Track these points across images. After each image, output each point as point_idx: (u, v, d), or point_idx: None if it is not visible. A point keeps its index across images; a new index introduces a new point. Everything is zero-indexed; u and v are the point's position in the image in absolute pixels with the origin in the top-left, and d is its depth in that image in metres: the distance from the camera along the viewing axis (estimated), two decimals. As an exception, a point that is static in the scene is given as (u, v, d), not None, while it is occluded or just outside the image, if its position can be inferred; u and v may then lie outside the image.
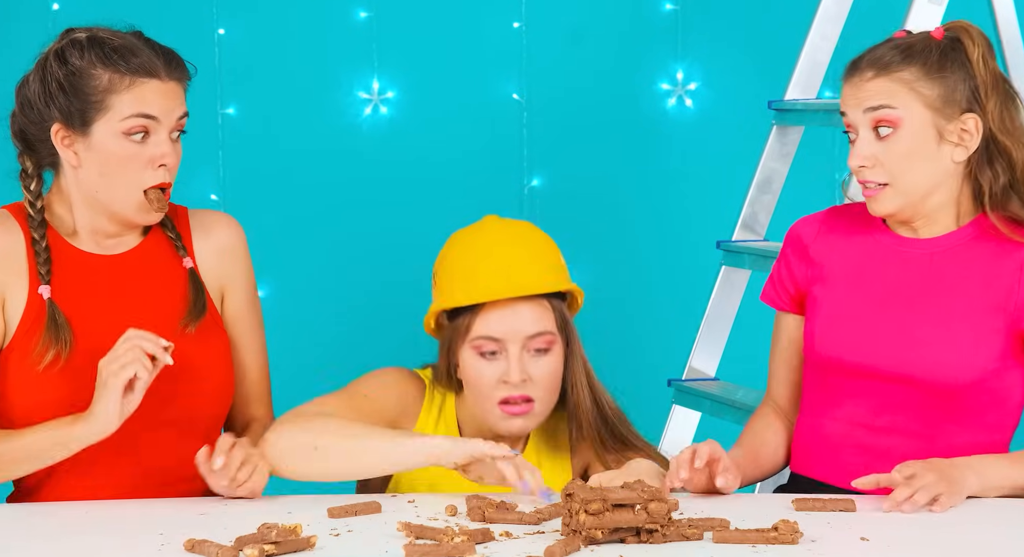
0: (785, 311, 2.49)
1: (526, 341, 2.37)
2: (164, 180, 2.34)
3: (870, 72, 2.32)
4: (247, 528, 2.06)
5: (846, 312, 2.39)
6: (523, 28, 4.05)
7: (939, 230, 2.38)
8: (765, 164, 3.41)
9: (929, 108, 2.31)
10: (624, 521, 2.00)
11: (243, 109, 4.02)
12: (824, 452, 2.41)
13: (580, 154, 4.07)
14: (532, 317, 2.37)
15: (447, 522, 2.14)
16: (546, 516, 2.14)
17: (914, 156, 2.31)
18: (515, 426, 2.38)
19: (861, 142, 2.33)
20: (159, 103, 2.32)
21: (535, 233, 2.45)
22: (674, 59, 4.09)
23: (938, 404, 2.34)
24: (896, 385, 2.35)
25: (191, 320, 2.39)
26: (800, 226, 2.49)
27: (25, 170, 2.39)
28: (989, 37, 2.33)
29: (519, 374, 2.36)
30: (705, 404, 3.35)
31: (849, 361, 2.37)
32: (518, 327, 2.36)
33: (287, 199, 4.01)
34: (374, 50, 4.03)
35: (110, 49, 2.32)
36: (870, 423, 2.37)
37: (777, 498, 2.32)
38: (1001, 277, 2.34)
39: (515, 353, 2.36)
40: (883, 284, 2.39)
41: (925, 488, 2.16)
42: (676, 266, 4.07)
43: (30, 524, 2.20)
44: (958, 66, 2.33)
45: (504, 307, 2.36)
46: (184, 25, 3.92)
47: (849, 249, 2.43)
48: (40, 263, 2.35)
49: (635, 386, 3.74)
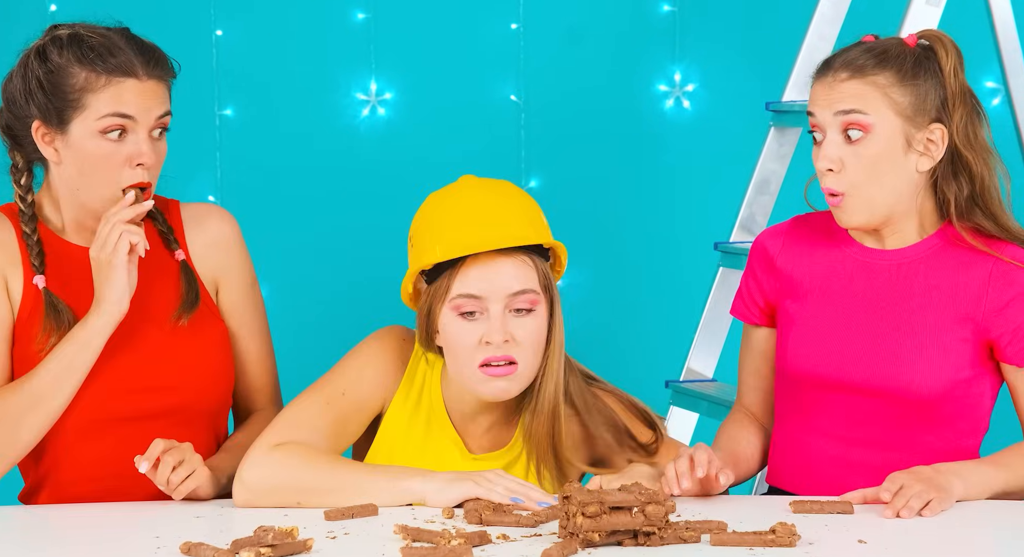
0: (755, 324, 2.48)
1: (508, 300, 2.26)
2: (141, 179, 2.33)
3: (844, 73, 2.30)
4: (243, 531, 2.05)
5: (817, 327, 2.38)
6: (521, 29, 4.05)
7: (905, 240, 2.37)
8: (763, 165, 3.41)
9: (900, 115, 2.29)
10: (621, 524, 2.00)
11: (241, 110, 4.02)
12: (800, 465, 2.41)
13: (578, 155, 4.07)
14: (515, 274, 2.26)
15: (444, 525, 2.13)
16: (543, 519, 2.13)
17: (880, 162, 2.29)
18: (497, 389, 2.28)
19: (829, 144, 2.30)
20: (136, 102, 2.32)
21: (514, 189, 2.37)
22: (672, 60, 4.08)
23: (911, 414, 2.34)
24: (869, 398, 2.35)
25: (184, 312, 2.39)
26: (765, 238, 2.47)
27: (15, 165, 2.41)
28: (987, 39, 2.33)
29: (501, 334, 2.25)
30: (703, 405, 3.35)
31: (822, 375, 2.36)
32: (499, 284, 2.26)
33: (285, 200, 4.01)
34: (372, 51, 4.03)
35: (88, 47, 2.32)
36: (845, 435, 2.37)
37: (775, 500, 2.31)
38: (969, 287, 2.33)
39: (497, 312, 2.26)
40: (851, 297, 2.38)
41: (916, 496, 2.17)
42: (674, 267, 4.07)
43: (25, 528, 2.20)
44: (930, 75, 2.31)
45: (485, 263, 2.26)
46: (182, 26, 3.92)
47: (815, 261, 2.42)
48: (33, 255, 2.37)
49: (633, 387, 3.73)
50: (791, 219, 2.49)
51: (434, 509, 2.21)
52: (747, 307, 2.48)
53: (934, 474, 2.21)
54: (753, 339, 2.50)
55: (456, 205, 2.32)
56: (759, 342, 2.49)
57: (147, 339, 2.37)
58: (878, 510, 2.19)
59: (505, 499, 2.17)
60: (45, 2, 3.91)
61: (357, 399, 2.35)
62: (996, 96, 3.99)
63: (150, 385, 2.36)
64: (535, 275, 2.29)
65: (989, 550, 2.07)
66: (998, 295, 2.32)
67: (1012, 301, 2.32)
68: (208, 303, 2.44)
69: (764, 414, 2.51)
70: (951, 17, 3.15)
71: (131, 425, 2.35)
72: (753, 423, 2.50)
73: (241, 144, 4.00)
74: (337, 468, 2.25)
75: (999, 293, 2.32)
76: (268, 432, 2.30)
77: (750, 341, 2.50)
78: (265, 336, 2.52)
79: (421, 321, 2.34)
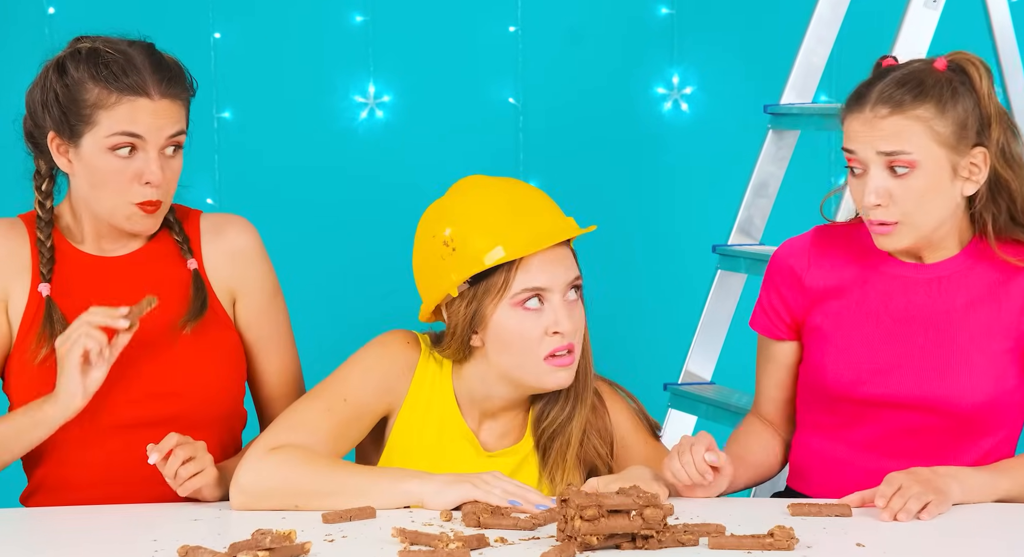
0: (780, 339, 2.47)
1: (565, 288, 2.31)
2: (149, 197, 2.33)
3: (884, 109, 2.26)
4: (241, 534, 2.05)
5: (856, 343, 2.36)
6: (519, 32, 4.05)
7: (942, 255, 2.36)
8: (761, 168, 3.40)
9: (943, 146, 2.26)
10: (620, 527, 2.00)
11: (239, 113, 4.01)
12: (832, 476, 2.39)
13: (576, 158, 4.06)
14: (569, 262, 2.32)
15: (442, 528, 2.13)
16: (541, 522, 2.13)
17: (929, 193, 2.27)
18: (562, 379, 2.31)
19: (874, 179, 2.26)
20: (146, 122, 2.32)
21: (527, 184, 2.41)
22: (670, 63, 4.08)
23: (954, 428, 2.34)
24: (913, 412, 2.33)
25: (188, 320, 2.39)
26: (789, 255, 2.44)
27: (38, 170, 2.42)
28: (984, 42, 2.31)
29: (570, 321, 2.29)
30: (701, 408, 3.35)
31: (864, 392, 2.35)
32: (561, 274, 2.30)
33: (283, 203, 4.00)
34: (370, 54, 4.03)
35: (103, 64, 2.32)
36: (886, 448, 2.36)
37: (772, 503, 2.31)
38: (1010, 298, 2.33)
39: (559, 302, 2.29)
40: (890, 312, 2.36)
41: (915, 497, 2.16)
42: (672, 270, 4.07)
43: (23, 530, 2.20)
44: (968, 100, 2.28)
45: (544, 255, 2.29)
46: (180, 29, 3.91)
47: (847, 276, 2.40)
48: (43, 262, 2.37)
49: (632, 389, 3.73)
50: (811, 232, 2.45)
51: (432, 512, 2.21)
52: (772, 323, 2.45)
53: (932, 476, 2.21)
54: (777, 353, 2.47)
55: (501, 203, 2.32)
56: (784, 356, 2.46)
57: (153, 346, 2.37)
58: (877, 512, 2.18)
59: (503, 501, 2.17)
60: (43, 5, 3.90)
61: (359, 405, 2.34)
62: (994, 99, 3.99)
63: (154, 391, 2.36)
64: (576, 262, 2.34)
65: (989, 554, 2.06)
66: None
67: None
68: (218, 312, 2.44)
69: (783, 423, 2.49)
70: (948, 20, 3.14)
71: (134, 432, 2.34)
72: (768, 430, 2.49)
73: (239, 147, 4.00)
74: (335, 470, 2.25)
75: None
76: (265, 435, 2.29)
77: (773, 355, 2.47)
78: (288, 346, 2.52)
79: (457, 327, 2.32)
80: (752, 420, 2.51)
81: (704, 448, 2.26)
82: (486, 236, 2.28)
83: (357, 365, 2.37)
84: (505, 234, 2.28)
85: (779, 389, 2.48)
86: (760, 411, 2.51)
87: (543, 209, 2.32)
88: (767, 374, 2.49)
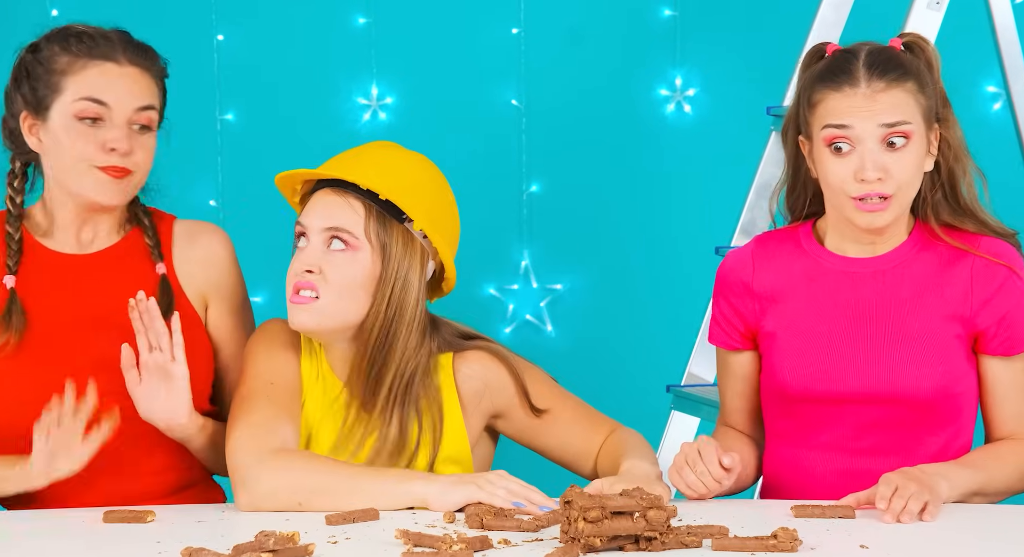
0: (737, 350, 2.48)
1: (323, 233, 2.39)
2: (114, 163, 2.34)
3: (881, 83, 2.30)
4: (244, 536, 2.05)
5: (810, 343, 2.38)
6: (522, 34, 4.05)
7: (891, 244, 2.38)
8: (764, 169, 3.40)
9: (925, 120, 2.33)
10: (623, 529, 2.00)
11: (242, 115, 4.01)
12: (804, 481, 2.40)
13: (579, 160, 4.06)
14: (334, 210, 2.40)
15: (445, 529, 2.13)
16: (544, 523, 2.13)
17: (918, 166, 2.32)
18: (296, 319, 2.36)
19: (872, 152, 2.29)
20: (111, 87, 2.33)
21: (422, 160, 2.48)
22: (673, 65, 4.08)
23: (913, 418, 2.36)
24: (874, 406, 2.35)
25: None
26: (733, 264, 2.46)
27: (12, 169, 2.44)
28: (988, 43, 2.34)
29: (309, 265, 2.37)
30: (704, 409, 3.35)
31: (823, 390, 2.36)
32: (318, 216, 2.40)
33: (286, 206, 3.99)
34: (373, 56, 4.03)
35: (73, 35, 2.36)
36: (851, 446, 2.37)
37: (776, 505, 2.31)
38: (954, 284, 2.36)
39: (316, 241, 2.38)
40: (839, 308, 2.38)
41: (914, 497, 2.16)
42: (675, 272, 4.06)
43: (24, 532, 2.19)
44: (931, 78, 2.35)
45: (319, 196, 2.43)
46: (183, 31, 3.91)
47: (794, 276, 2.42)
48: (10, 255, 2.39)
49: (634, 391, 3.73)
50: (752, 241, 2.49)
51: (435, 513, 2.21)
52: (727, 334, 2.47)
53: (921, 474, 2.22)
54: (734, 364, 2.49)
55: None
56: (741, 366, 2.48)
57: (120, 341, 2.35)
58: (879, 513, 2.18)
59: (507, 503, 2.17)
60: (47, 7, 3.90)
61: (284, 380, 2.39)
62: (997, 100, 3.99)
63: (120, 389, 2.33)
64: (363, 222, 2.38)
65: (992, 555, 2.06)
66: (982, 289, 2.35)
67: (996, 293, 2.35)
68: (190, 313, 2.45)
69: (751, 432, 2.51)
70: (952, 21, 3.15)
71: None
72: (741, 436, 2.50)
73: (242, 149, 4.00)
74: (339, 471, 2.26)
75: (983, 287, 2.35)
76: (247, 442, 2.29)
77: (730, 366, 2.49)
78: None
79: None
80: (725, 429, 2.52)
81: (715, 454, 2.26)
82: None
83: (257, 354, 2.42)
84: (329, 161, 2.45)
85: (743, 399, 2.50)
86: (727, 422, 2.53)
87: (363, 155, 2.43)
88: (728, 387, 2.51)
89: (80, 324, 2.39)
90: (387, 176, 2.39)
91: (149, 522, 2.20)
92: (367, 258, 2.37)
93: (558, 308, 4.04)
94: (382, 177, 2.38)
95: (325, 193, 2.40)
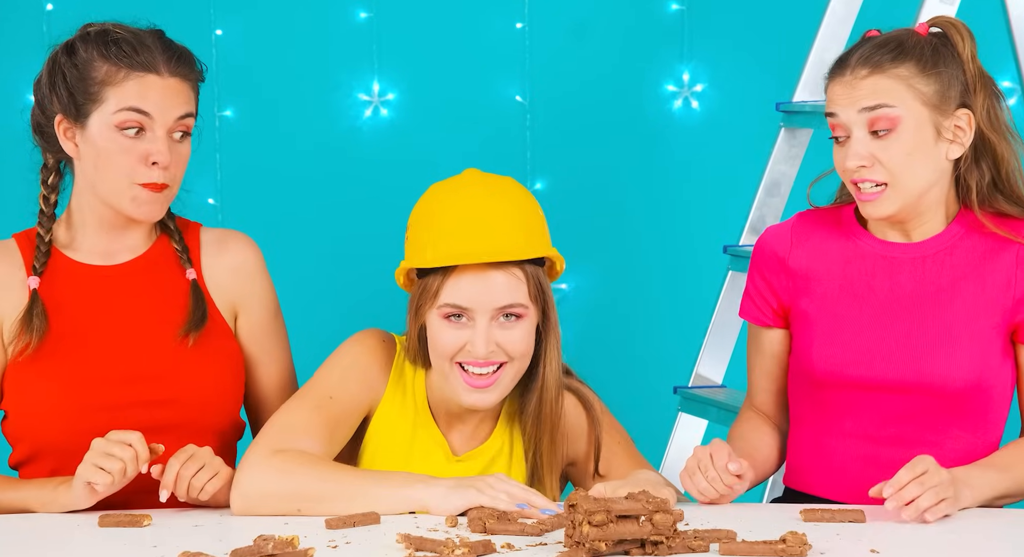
0: (768, 327, 2.48)
1: (495, 312, 2.30)
2: (155, 180, 2.34)
3: (863, 70, 2.30)
4: (243, 540, 2.05)
5: (842, 326, 2.38)
6: (526, 29, 4.05)
7: (929, 231, 2.38)
8: (773, 167, 3.40)
9: (926, 105, 2.31)
10: (628, 533, 2.00)
11: (241, 111, 4.01)
12: (826, 468, 2.40)
13: (584, 157, 4.06)
14: (505, 287, 2.29)
15: (447, 534, 2.13)
16: (549, 528, 2.13)
17: (914, 154, 2.31)
18: (476, 400, 2.32)
19: (856, 142, 2.30)
20: (154, 99, 2.33)
21: (517, 192, 2.36)
22: (680, 60, 4.08)
23: (943, 409, 2.35)
24: (902, 395, 2.34)
25: (191, 330, 2.40)
26: (771, 239, 2.47)
27: (45, 163, 2.43)
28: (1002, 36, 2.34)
29: (485, 346, 2.28)
30: (712, 412, 3.34)
31: (852, 375, 2.36)
32: (488, 298, 2.28)
33: (286, 203, 4.00)
34: (374, 51, 4.03)
35: (112, 42, 2.35)
36: (875, 435, 2.37)
37: (785, 509, 2.31)
38: (996, 274, 2.35)
39: (483, 324, 2.29)
40: (876, 293, 2.38)
41: (935, 489, 2.15)
42: (682, 271, 4.06)
43: (22, 536, 2.20)
44: (950, 61, 2.33)
45: (476, 274, 2.28)
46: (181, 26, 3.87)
47: (831, 257, 2.41)
48: (37, 256, 2.38)
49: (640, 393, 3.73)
50: (794, 217, 2.48)
51: (437, 517, 2.21)
52: (759, 309, 2.47)
53: (949, 477, 2.21)
54: (765, 341, 2.49)
55: (453, 208, 2.32)
56: (772, 344, 2.48)
57: (152, 354, 2.38)
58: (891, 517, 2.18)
59: (510, 506, 2.17)
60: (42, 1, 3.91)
61: (344, 402, 2.36)
62: (1012, 96, 3.98)
63: (153, 399, 2.36)
64: (525, 288, 2.31)
65: (1005, 560, 2.07)
66: None
67: None
68: (219, 321, 2.45)
69: (777, 414, 2.51)
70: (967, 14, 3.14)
71: None
72: (767, 423, 2.50)
73: (241, 146, 4.00)
74: (338, 475, 2.25)
75: None
76: (262, 439, 2.30)
77: (761, 343, 2.49)
78: (285, 358, 2.54)
79: (411, 314, 2.36)
80: (750, 415, 2.52)
81: (726, 459, 2.26)
82: (425, 237, 2.31)
83: (337, 364, 2.39)
84: (439, 243, 2.29)
85: (770, 379, 2.49)
86: (754, 402, 2.53)
87: (490, 226, 2.30)
88: (757, 364, 2.50)
89: (109, 336, 2.38)
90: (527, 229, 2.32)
91: (146, 526, 2.20)
92: (534, 318, 2.34)
93: (563, 308, 4.02)
94: (527, 235, 2.31)
95: (484, 271, 2.29)
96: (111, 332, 2.39)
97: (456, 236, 2.29)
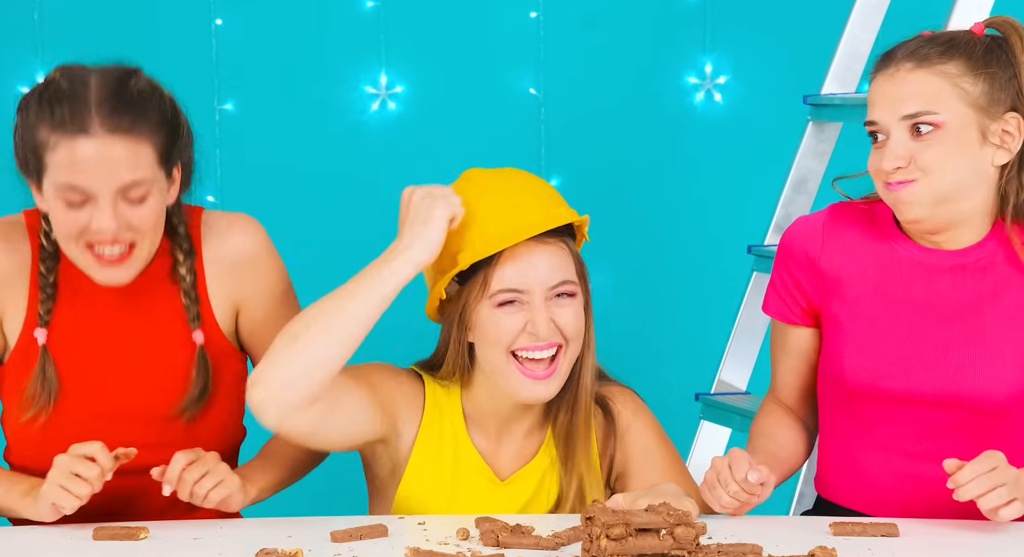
0: (795, 324, 2.46)
1: (548, 292, 2.32)
2: (105, 253, 2.23)
3: (909, 64, 2.28)
4: (244, 553, 2.05)
5: (876, 335, 2.36)
6: (540, 18, 4.05)
7: (964, 242, 2.35)
8: (800, 162, 3.40)
9: (972, 106, 2.27)
10: (648, 547, 1.99)
11: (242, 105, 4.02)
12: (858, 481, 2.39)
13: (601, 152, 4.06)
14: (552, 263, 2.32)
15: (458, 547, 2.12)
16: (564, 540, 2.12)
17: (953, 157, 2.27)
18: (539, 392, 2.33)
19: (895, 142, 2.27)
20: (86, 169, 2.17)
21: (525, 172, 2.41)
22: (702, 51, 4.08)
23: (981, 424, 2.33)
24: (939, 409, 2.33)
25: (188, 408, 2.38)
26: (802, 235, 2.44)
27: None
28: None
29: (545, 324, 2.30)
30: (735, 420, 3.34)
31: (886, 388, 2.34)
32: (539, 275, 2.31)
33: (289, 200, 4.01)
34: (381, 42, 4.03)
35: (50, 98, 2.21)
36: (910, 449, 2.35)
37: (813, 522, 2.30)
38: None
39: (539, 303, 2.31)
40: (912, 302, 2.36)
41: (1007, 487, 2.13)
42: (704, 272, 4.06)
43: (12, 546, 2.19)
44: (1004, 63, 2.30)
45: (522, 254, 2.31)
46: (179, 16, 3.92)
47: (864, 260, 2.39)
48: (42, 300, 2.33)
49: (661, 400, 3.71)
50: (826, 210, 2.45)
51: (448, 530, 2.20)
52: (787, 306, 2.45)
53: (1021, 476, 2.18)
54: (792, 339, 2.47)
55: (483, 199, 2.34)
56: (800, 342, 2.47)
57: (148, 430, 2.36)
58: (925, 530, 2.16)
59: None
60: None
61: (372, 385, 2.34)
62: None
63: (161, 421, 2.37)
64: (573, 264, 2.35)
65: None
66: None
67: None
68: (221, 343, 2.42)
69: (802, 408, 2.49)
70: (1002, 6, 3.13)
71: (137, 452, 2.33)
72: (790, 415, 2.49)
73: (242, 141, 4.00)
74: (319, 301, 2.27)
75: None
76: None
77: (787, 341, 2.48)
78: None
79: (451, 330, 2.37)
80: (773, 407, 2.50)
81: (746, 469, 2.24)
82: (461, 235, 2.33)
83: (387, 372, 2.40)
84: (480, 234, 2.31)
85: (796, 375, 2.49)
86: (777, 396, 2.51)
87: (522, 205, 2.34)
88: (782, 361, 2.49)
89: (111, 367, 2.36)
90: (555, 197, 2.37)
91: (142, 539, 2.19)
92: (583, 299, 2.37)
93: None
94: (558, 202, 2.37)
95: (529, 250, 2.31)
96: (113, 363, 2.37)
97: (494, 222, 2.32)
